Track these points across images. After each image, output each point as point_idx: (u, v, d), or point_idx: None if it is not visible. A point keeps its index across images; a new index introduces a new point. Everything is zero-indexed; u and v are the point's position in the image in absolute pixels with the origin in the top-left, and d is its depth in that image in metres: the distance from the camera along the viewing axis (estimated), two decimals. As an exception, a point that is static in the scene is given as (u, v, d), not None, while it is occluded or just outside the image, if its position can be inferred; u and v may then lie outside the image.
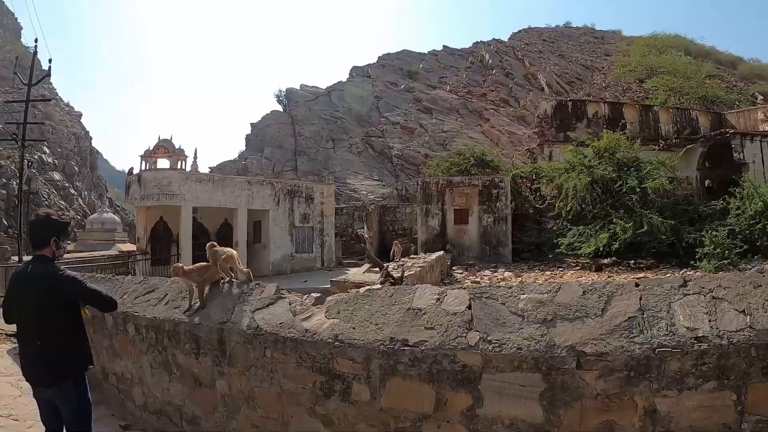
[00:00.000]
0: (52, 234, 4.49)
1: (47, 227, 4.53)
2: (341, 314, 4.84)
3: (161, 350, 6.36)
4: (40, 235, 4.50)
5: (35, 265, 4.42)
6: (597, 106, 39.13)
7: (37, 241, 4.51)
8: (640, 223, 24.61)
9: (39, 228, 4.55)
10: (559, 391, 3.73)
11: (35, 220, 4.62)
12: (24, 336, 4.53)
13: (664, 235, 24.26)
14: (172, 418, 6.36)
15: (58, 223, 4.59)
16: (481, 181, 29.09)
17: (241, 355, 5.33)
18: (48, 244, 4.45)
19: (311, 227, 29.56)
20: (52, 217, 4.61)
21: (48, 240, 4.45)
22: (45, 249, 4.46)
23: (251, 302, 5.62)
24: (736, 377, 3.42)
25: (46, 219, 4.57)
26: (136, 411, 6.93)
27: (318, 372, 4.69)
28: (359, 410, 4.48)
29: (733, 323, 3.53)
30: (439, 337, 4.15)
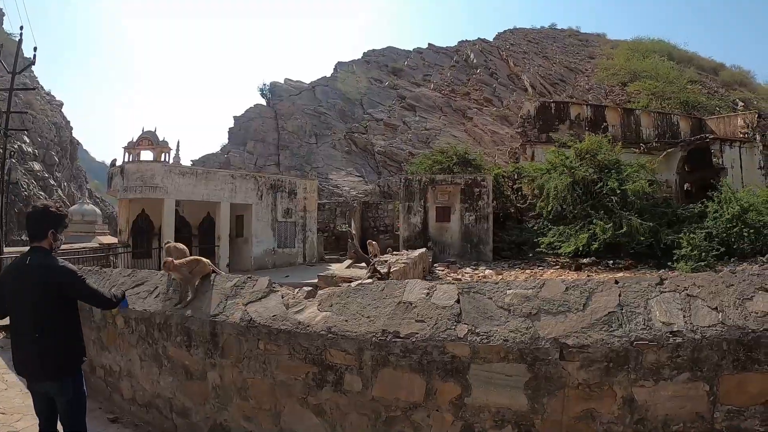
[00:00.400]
0: (50, 226, 4.48)
1: (45, 219, 4.49)
2: (334, 307, 4.99)
3: (151, 343, 6.43)
4: (38, 227, 4.48)
5: (33, 257, 4.39)
6: (580, 108, 39.60)
7: (35, 233, 4.48)
8: (619, 224, 25.00)
9: (36, 220, 4.50)
10: (543, 381, 3.93)
11: (33, 212, 4.53)
12: (20, 329, 4.44)
13: (643, 236, 24.68)
14: (161, 410, 6.44)
15: (55, 215, 4.55)
16: (463, 180, 29.24)
17: (233, 347, 5.43)
18: (45, 236, 4.45)
19: (294, 222, 29.57)
20: (50, 209, 4.55)
21: (46, 232, 4.45)
22: (43, 241, 4.45)
23: (244, 295, 5.74)
24: (708, 369, 3.66)
25: (44, 211, 4.52)
26: (124, 404, 6.99)
27: (311, 363, 4.83)
28: (351, 400, 4.64)
29: (706, 319, 3.78)
30: (429, 330, 4.34)
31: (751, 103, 57.08)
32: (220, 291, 6.00)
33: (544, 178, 28.68)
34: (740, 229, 24.14)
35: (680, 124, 39.84)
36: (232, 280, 6.13)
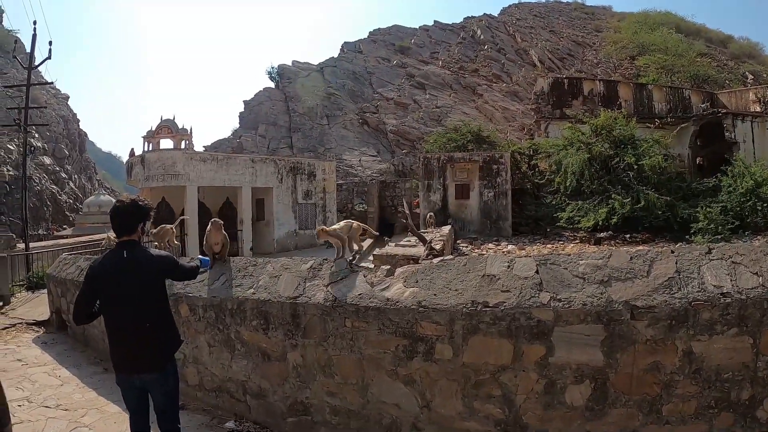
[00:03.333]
0: (139, 220, 4.61)
1: (135, 214, 4.59)
2: (420, 283, 5.32)
3: (222, 329, 6.71)
4: (128, 221, 4.57)
5: (129, 251, 4.47)
6: (592, 84, 39.45)
7: (125, 227, 4.56)
8: (637, 198, 25.11)
9: (126, 215, 4.57)
10: (617, 339, 4.46)
11: (121, 207, 4.59)
12: (124, 323, 4.44)
13: (660, 210, 24.82)
14: (233, 394, 6.74)
15: (144, 208, 4.68)
16: (481, 157, 29.33)
17: (317, 327, 5.73)
18: (136, 230, 4.58)
19: (314, 204, 29.80)
20: (139, 203, 4.65)
21: (135, 226, 4.58)
22: (133, 234, 4.57)
23: (323, 277, 6.05)
24: (752, 325, 4.27)
25: (134, 205, 4.61)
26: (189, 390, 7.20)
27: (401, 336, 5.17)
28: (441, 367, 5.01)
29: (749, 282, 4.39)
30: (515, 298, 4.77)
31: (761, 75, 56.91)
32: (296, 274, 6.29)
33: (561, 154, 28.76)
34: (754, 203, 24.27)
35: (692, 99, 39.44)
36: (307, 263, 6.43)
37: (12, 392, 7.50)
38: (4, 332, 12.22)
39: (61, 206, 57.45)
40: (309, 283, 6.06)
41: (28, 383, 8.36)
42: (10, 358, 10.00)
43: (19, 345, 11.10)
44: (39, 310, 13.94)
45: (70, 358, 9.53)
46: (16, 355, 10.16)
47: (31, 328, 12.74)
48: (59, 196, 58.19)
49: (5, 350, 10.61)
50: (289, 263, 6.58)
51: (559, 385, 4.64)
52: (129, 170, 27.56)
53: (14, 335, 12.05)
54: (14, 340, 11.56)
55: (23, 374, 8.88)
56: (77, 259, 11.20)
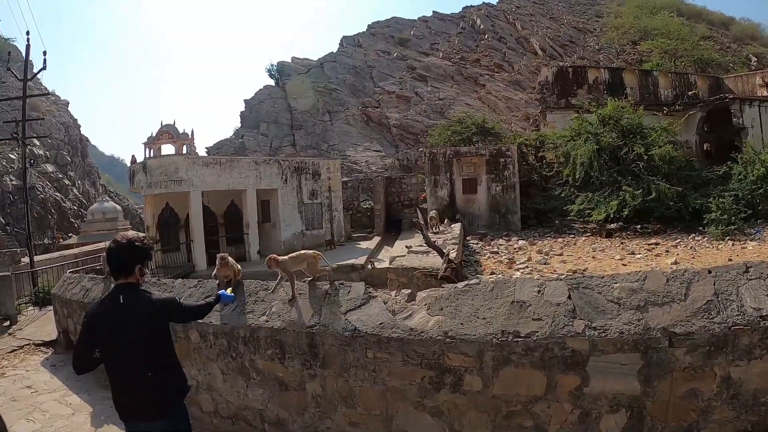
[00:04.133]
0: (136, 261, 4.24)
1: (131, 255, 4.25)
2: (445, 311, 5.04)
3: (235, 356, 6.40)
4: (124, 262, 4.23)
5: (126, 295, 4.13)
6: (597, 72, 39.32)
7: (121, 269, 4.22)
8: (648, 189, 24.90)
9: (122, 256, 4.24)
10: (654, 367, 4.31)
11: (116, 248, 4.25)
12: (127, 371, 4.12)
13: (672, 201, 24.60)
14: (250, 422, 6.44)
15: (142, 249, 4.31)
16: (488, 151, 29.22)
17: (336, 358, 5.44)
18: (133, 271, 4.21)
19: (320, 203, 29.40)
20: (135, 243, 4.29)
21: (133, 268, 4.21)
22: (130, 277, 4.22)
23: (340, 303, 5.72)
24: None
25: (130, 246, 4.25)
26: (204, 417, 6.95)
27: (427, 368, 4.89)
28: (470, 399, 4.79)
29: None
30: (548, 327, 4.56)
31: (764, 57, 56.71)
32: (311, 300, 5.99)
33: (569, 146, 28.54)
34: (765, 191, 24.19)
35: (698, 84, 39.35)
36: (322, 287, 6.09)
37: (23, 425, 7.48)
38: (13, 355, 12.02)
39: (66, 213, 57.31)
40: (325, 309, 5.76)
41: (39, 413, 8.19)
42: (20, 384, 9.81)
43: (28, 369, 10.91)
44: (46, 330, 13.71)
45: (79, 382, 9.22)
46: (26, 381, 9.97)
47: (39, 349, 12.51)
48: (63, 204, 58.07)
49: (14, 376, 10.42)
50: (303, 287, 6.24)
51: (593, 415, 4.51)
52: (131, 178, 27.19)
53: (23, 358, 11.85)
54: (23, 364, 11.37)
55: (33, 403, 8.71)
56: (81, 279, 10.88)
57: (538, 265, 17.93)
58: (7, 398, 9.00)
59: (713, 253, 19.02)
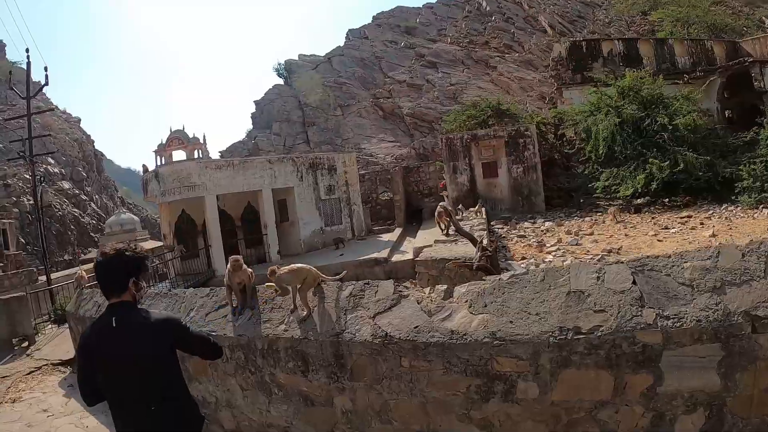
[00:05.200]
0: (129, 274, 3.55)
1: (122, 267, 3.56)
2: (490, 308, 4.36)
3: (254, 371, 5.76)
4: (115, 278, 3.55)
5: (120, 317, 3.45)
6: (611, 44, 38.34)
7: (112, 286, 3.55)
8: (674, 161, 24.15)
9: (111, 270, 3.56)
10: (737, 357, 3.70)
11: (104, 261, 3.57)
12: (126, 403, 3.46)
13: (700, 171, 23.84)
14: (275, 439, 5.77)
15: (133, 259, 3.62)
16: (506, 132, 28.55)
17: (367, 369, 4.76)
18: (126, 287, 3.52)
19: (338, 198, 28.83)
20: (126, 253, 3.59)
21: (126, 283, 3.52)
22: (124, 294, 3.52)
23: (367, 306, 5.03)
24: None
25: (118, 257, 3.56)
26: (226, 435, 6.31)
27: (473, 375, 4.24)
28: (525, 408, 4.16)
29: None
30: (613, 320, 3.93)
31: (776, 19, 55.39)
32: (334, 304, 5.29)
33: (590, 121, 27.76)
34: (794, 155, 23.32)
35: (714, 50, 38.30)
36: (345, 288, 5.40)
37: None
38: (30, 377, 11.72)
39: (85, 228, 57.89)
40: (351, 314, 5.06)
41: (55, 439, 7.82)
42: (36, 408, 9.49)
43: (45, 391, 10.63)
44: (64, 348, 13.44)
45: (96, 402, 8.79)
46: (42, 405, 9.65)
47: (56, 369, 12.22)
48: (82, 219, 58.76)
49: (31, 399, 10.13)
50: (324, 290, 5.56)
51: (668, 417, 3.90)
52: (144, 186, 26.82)
53: (40, 379, 11.55)
54: (40, 386, 11.07)
55: (49, 429, 8.40)
56: (94, 294, 10.35)
57: (569, 246, 17.29)
58: (22, 424, 8.70)
59: (750, 222, 18.28)
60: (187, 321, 6.19)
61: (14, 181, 53.47)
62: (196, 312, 6.47)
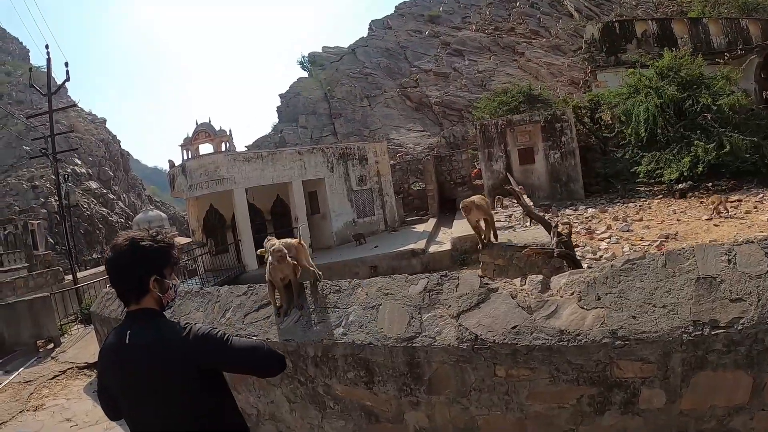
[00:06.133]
0: (148, 270, 2.61)
1: (138, 262, 2.60)
2: (605, 300, 3.55)
3: (304, 381, 4.88)
4: (129, 277, 2.62)
5: (135, 331, 2.55)
6: (645, 25, 37.36)
7: (126, 289, 2.65)
8: (720, 142, 23.24)
9: (124, 267, 2.63)
10: None
11: (114, 256, 2.63)
12: None
13: (747, 153, 22.98)
14: (331, 461, 4.96)
15: (154, 250, 2.64)
16: (542, 117, 27.81)
17: (450, 379, 3.92)
18: (146, 289, 2.61)
19: (369, 189, 28.27)
20: (141, 243, 2.62)
21: (145, 283, 2.60)
22: (143, 298, 2.62)
23: (446, 303, 4.16)
24: None
25: (132, 250, 2.60)
26: (272, 452, 5.52)
27: (587, 384, 3.46)
28: (648, 420, 3.42)
29: None
30: (753, 310, 3.18)
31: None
32: (404, 302, 4.39)
33: (629, 103, 26.77)
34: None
35: (749, 29, 37.17)
36: (417, 282, 4.51)
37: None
38: (54, 381, 11.35)
39: (114, 227, 58.24)
40: (426, 314, 4.16)
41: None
42: (59, 417, 9.00)
43: (69, 397, 10.19)
44: (90, 350, 13.07)
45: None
46: (66, 413, 9.17)
47: (82, 372, 11.89)
48: (110, 218, 59.56)
49: (54, 407, 9.66)
50: (390, 285, 4.64)
51: None
52: (171, 182, 26.43)
53: (64, 384, 11.18)
54: (64, 391, 10.68)
55: None
56: (119, 293, 9.68)
57: (621, 233, 16.57)
58: (44, 435, 8.19)
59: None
60: (223, 324, 5.50)
61: (42, 182, 54.31)
62: (232, 313, 5.65)
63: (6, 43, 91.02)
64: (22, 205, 51.47)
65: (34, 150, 37.05)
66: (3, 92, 69.26)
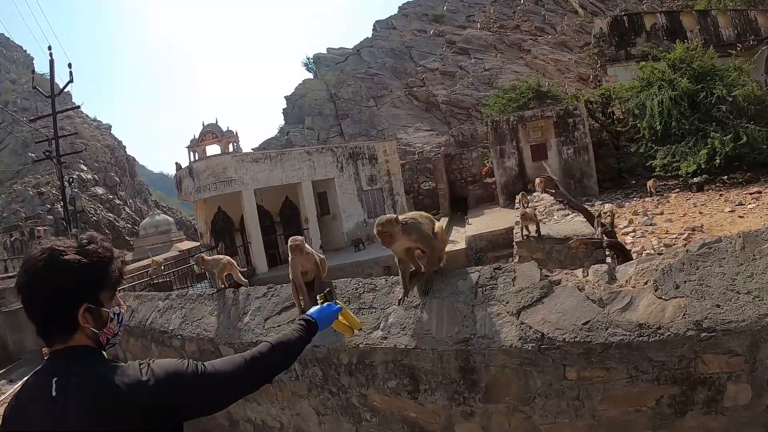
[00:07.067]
0: (74, 297, 1.82)
1: (56, 285, 1.80)
2: (684, 289, 3.13)
3: (336, 391, 4.38)
4: (47, 307, 1.83)
5: (65, 379, 1.75)
6: (654, 18, 37.16)
7: (45, 322, 1.85)
8: (736, 134, 22.88)
9: (37, 292, 1.82)
10: None
11: (25, 277, 1.84)
12: None
13: (764, 144, 22.61)
14: (363, 482, 4.46)
15: (79, 267, 1.82)
16: (554, 112, 27.49)
17: (511, 385, 3.43)
18: (73, 323, 1.82)
19: (380, 189, 27.97)
20: (62, 258, 1.80)
21: (72, 315, 1.82)
22: (72, 336, 1.84)
23: (503, 299, 3.67)
24: None
25: (46, 266, 1.80)
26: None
27: (668, 382, 3.04)
28: (731, 419, 3.00)
29: None
30: None
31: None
32: (453, 299, 3.89)
33: (642, 96, 26.39)
34: None
35: (758, 20, 36.83)
36: (465, 276, 4.02)
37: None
38: None
39: (120, 232, 58.31)
40: (480, 312, 3.66)
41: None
42: None
43: None
44: None
45: None
46: None
47: None
48: (117, 223, 59.54)
49: None
50: (442, 278, 4.13)
51: None
52: (178, 185, 26.09)
53: None
54: None
55: None
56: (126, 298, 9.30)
57: (644, 227, 16.24)
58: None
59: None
60: (240, 329, 5.07)
61: (48, 188, 54.25)
62: (251, 317, 5.17)
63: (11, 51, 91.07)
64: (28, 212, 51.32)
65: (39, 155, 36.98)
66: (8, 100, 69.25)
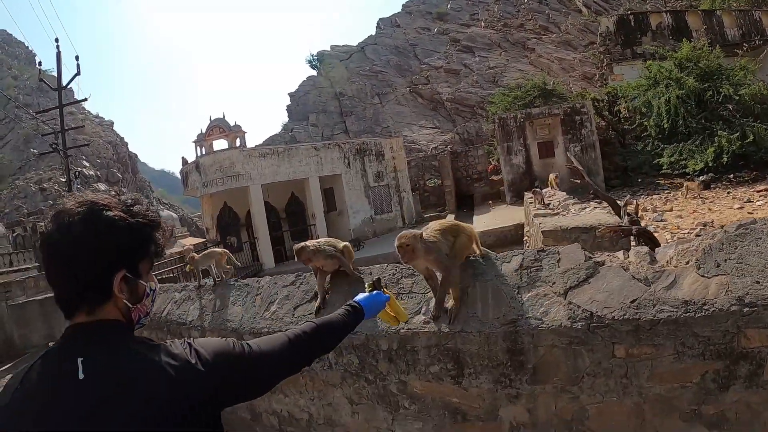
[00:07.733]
0: (113, 261, 1.53)
1: (96, 245, 1.50)
2: (725, 267, 3.22)
3: (373, 379, 4.35)
4: (79, 269, 1.50)
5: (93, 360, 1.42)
6: (660, 17, 37.33)
7: (74, 286, 1.51)
8: (743, 133, 22.99)
9: (71, 251, 1.49)
10: None
11: (55, 234, 1.51)
12: None
13: (770, 143, 22.73)
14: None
15: (125, 228, 1.54)
16: (562, 110, 27.54)
17: (560, 365, 3.48)
18: (107, 292, 1.53)
19: (387, 185, 27.99)
20: (105, 213, 1.53)
21: (105, 280, 1.52)
22: (101, 306, 1.53)
23: (550, 280, 3.72)
24: None
25: (86, 221, 1.51)
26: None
27: (713, 358, 3.11)
28: None
29: None
30: None
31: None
32: (498, 281, 3.91)
33: (649, 94, 26.53)
34: None
35: (763, 20, 36.96)
36: (510, 259, 4.04)
37: None
38: None
39: None
40: (527, 293, 3.71)
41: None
42: None
43: None
44: None
45: None
46: None
47: None
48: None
49: None
50: (476, 264, 4.15)
51: None
52: (185, 180, 26.13)
53: None
54: None
55: None
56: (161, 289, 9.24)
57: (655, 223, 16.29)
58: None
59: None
60: (267, 318, 5.02)
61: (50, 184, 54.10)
62: (278, 306, 5.11)
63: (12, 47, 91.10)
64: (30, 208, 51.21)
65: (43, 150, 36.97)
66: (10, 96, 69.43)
